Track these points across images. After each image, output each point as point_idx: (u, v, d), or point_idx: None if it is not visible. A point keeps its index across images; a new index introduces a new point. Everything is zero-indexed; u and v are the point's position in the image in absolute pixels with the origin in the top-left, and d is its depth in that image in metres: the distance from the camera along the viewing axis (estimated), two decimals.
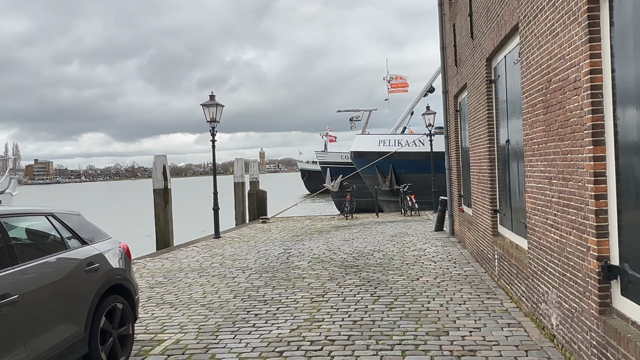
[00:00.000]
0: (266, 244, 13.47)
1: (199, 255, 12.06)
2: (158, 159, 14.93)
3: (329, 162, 38.87)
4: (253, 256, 11.46)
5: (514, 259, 6.47)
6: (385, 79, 37.74)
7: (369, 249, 11.59)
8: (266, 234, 15.89)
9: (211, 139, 15.66)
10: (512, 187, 6.87)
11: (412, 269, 9.14)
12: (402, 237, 13.39)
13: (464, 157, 11.27)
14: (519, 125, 6.28)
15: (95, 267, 4.71)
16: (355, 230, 15.66)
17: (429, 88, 27.93)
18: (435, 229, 14.45)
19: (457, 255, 10.36)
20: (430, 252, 10.78)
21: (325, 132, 61.46)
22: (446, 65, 12.85)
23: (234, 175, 21.45)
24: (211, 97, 15.51)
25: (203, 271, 9.98)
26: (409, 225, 16.22)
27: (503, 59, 7.10)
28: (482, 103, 8.35)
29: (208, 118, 15.47)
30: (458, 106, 11.92)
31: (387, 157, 25.57)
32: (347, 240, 13.39)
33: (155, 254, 13.10)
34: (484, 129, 8.28)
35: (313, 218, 20.60)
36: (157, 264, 11.16)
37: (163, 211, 14.92)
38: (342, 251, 11.52)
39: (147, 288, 8.67)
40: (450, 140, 12.80)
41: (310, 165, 63.75)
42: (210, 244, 14.21)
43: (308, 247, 12.36)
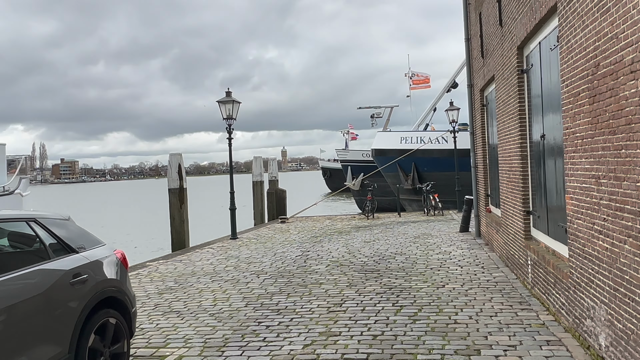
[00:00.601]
0: (284, 245, 12.98)
1: (213, 258, 11.63)
2: (173, 158, 14.56)
3: (349, 160, 38.28)
4: (269, 259, 10.98)
5: (552, 267, 5.82)
6: (407, 76, 36.95)
7: (391, 252, 11.00)
8: (284, 234, 15.41)
9: (227, 136, 15.24)
10: (549, 186, 6.22)
11: (437, 274, 8.52)
12: (426, 239, 12.75)
13: (492, 154, 10.58)
14: (557, 118, 5.63)
15: (83, 278, 4.25)
16: (377, 230, 15.06)
17: (452, 84, 27.09)
18: (460, 229, 13.76)
19: (485, 259, 9.70)
20: (456, 256, 10.14)
21: (347, 130, 60.81)
22: (471, 58, 12.15)
23: (253, 174, 21.05)
24: (227, 93, 15.09)
25: (216, 275, 9.53)
26: (432, 226, 15.55)
27: (537, 45, 6.44)
28: (512, 95, 7.68)
29: (224, 115, 15.05)
30: (485, 100, 11.22)
31: (410, 155, 24.86)
32: (367, 241, 12.81)
33: (169, 255, 12.73)
34: (514, 123, 7.61)
35: (333, 218, 20.06)
36: (170, 267, 10.76)
37: (178, 211, 14.55)
38: (362, 254, 10.95)
39: (155, 294, 8.25)
40: (476, 137, 12.10)
41: (331, 164, 63.19)
42: (226, 245, 13.79)
43: (327, 250, 11.82)
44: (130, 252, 22.23)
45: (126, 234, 29.79)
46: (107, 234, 30.85)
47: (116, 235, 29.46)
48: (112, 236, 29.42)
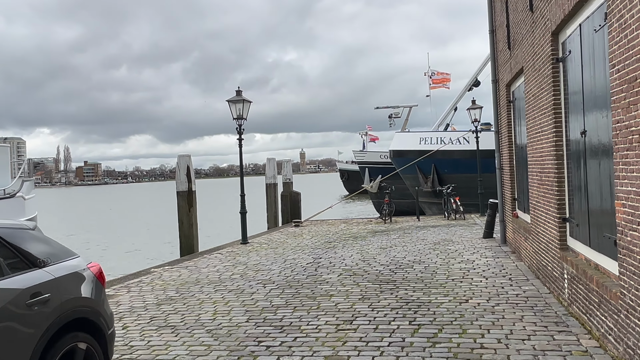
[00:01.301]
0: (295, 251, 12.29)
1: (220, 264, 11.00)
2: (182, 160, 14.00)
3: (367, 162, 37.42)
4: (278, 266, 10.30)
5: (595, 284, 5.01)
6: (427, 75, 35.96)
7: (409, 260, 10.23)
8: (297, 239, 14.73)
9: (238, 137, 14.62)
10: (591, 190, 5.40)
11: (459, 286, 7.73)
12: (447, 245, 11.93)
13: (519, 155, 9.75)
14: (603, 110, 4.83)
15: (44, 298, 3.62)
16: (394, 236, 14.28)
17: (474, 82, 26.10)
18: (484, 235, 12.90)
19: (512, 269, 8.86)
20: (480, 265, 9.32)
21: (365, 132, 59.84)
22: (496, 50, 11.32)
23: (266, 176, 20.41)
24: (238, 92, 14.49)
25: (221, 284, 8.88)
26: (453, 231, 14.70)
27: (577, 28, 5.63)
28: (545, 88, 6.87)
29: (234, 115, 14.45)
30: (511, 96, 10.39)
31: (429, 156, 23.98)
32: (384, 248, 12.05)
33: (175, 261, 12.15)
34: (547, 119, 6.80)
35: (349, 221, 19.32)
36: (174, 274, 10.16)
37: (187, 215, 13.98)
38: (377, 262, 10.20)
39: (154, 305, 7.63)
40: (502, 136, 11.26)
41: (349, 166, 62.38)
42: (235, 250, 13.16)
43: (340, 256, 11.10)
44: (137, 256, 21.89)
45: (137, 237, 29.47)
46: (116, 237, 30.63)
47: (126, 238, 29.17)
48: (122, 239, 29.14)
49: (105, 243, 27.98)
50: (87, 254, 23.73)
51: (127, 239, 29.35)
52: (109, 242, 28.32)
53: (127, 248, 25.51)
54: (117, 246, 26.47)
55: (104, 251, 25.01)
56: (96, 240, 29.67)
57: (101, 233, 33.62)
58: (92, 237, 31.25)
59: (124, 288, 9.06)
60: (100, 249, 25.46)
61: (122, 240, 29.22)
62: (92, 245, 27.01)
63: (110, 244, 27.72)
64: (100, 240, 29.51)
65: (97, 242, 28.64)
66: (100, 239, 30.18)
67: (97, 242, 28.42)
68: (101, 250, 25.21)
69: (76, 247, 27.11)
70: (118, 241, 28.76)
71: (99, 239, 29.86)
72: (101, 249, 25.56)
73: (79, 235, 32.87)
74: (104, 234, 32.73)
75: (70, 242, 29.45)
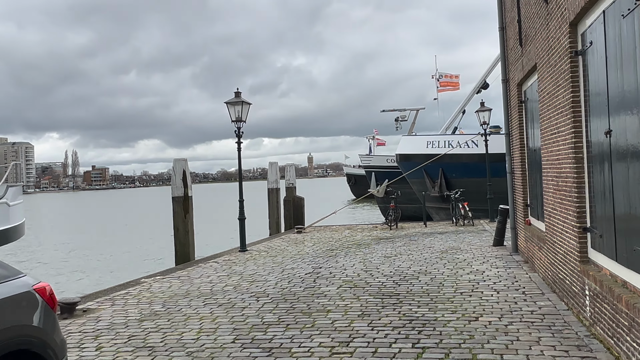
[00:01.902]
0: (295, 260, 11.69)
1: (214, 275, 10.43)
2: (177, 164, 13.46)
3: (373, 166, 36.79)
4: (275, 277, 9.71)
5: (625, 305, 4.37)
6: (434, 77, 35.29)
7: (414, 270, 9.59)
8: (298, 246, 14.14)
9: (237, 140, 14.07)
10: (618, 197, 4.77)
11: (468, 301, 7.09)
12: (455, 254, 11.28)
13: (532, 158, 9.10)
14: (634, 106, 4.20)
15: None
16: (399, 243, 13.64)
17: (483, 84, 25.42)
18: (494, 243, 12.23)
19: (526, 281, 8.21)
20: (491, 276, 8.67)
21: (372, 135, 59.17)
22: (507, 49, 10.69)
23: (268, 181, 19.84)
24: (236, 94, 13.94)
25: (211, 297, 8.30)
26: (462, 238, 14.04)
27: (599, 16, 5.01)
28: (562, 85, 6.24)
29: (233, 117, 13.90)
30: (523, 96, 9.75)
31: (437, 160, 23.31)
32: (388, 256, 11.41)
33: (168, 270, 11.58)
34: (565, 119, 6.17)
35: (353, 227, 18.69)
36: (164, 285, 9.60)
37: (183, 221, 13.43)
38: (380, 272, 9.57)
39: (135, 322, 7.06)
40: (513, 138, 10.62)
41: (356, 170, 61.79)
42: (233, 259, 12.59)
43: (341, 266, 10.48)
44: (131, 264, 21.27)
45: (136, 244, 28.83)
46: (112, 245, 29.96)
47: (123, 246, 28.49)
48: (119, 247, 28.47)
49: (99, 250, 27.29)
50: (76, 262, 23.10)
51: (123, 246, 28.69)
52: (103, 249, 27.62)
53: (121, 256, 24.80)
54: (112, 253, 25.74)
55: (97, 258, 24.47)
56: (90, 246, 28.99)
57: (97, 239, 33.00)
58: (86, 244, 30.57)
59: (108, 301, 8.51)
60: (93, 256, 24.86)
61: (117, 247, 28.53)
62: (83, 253, 26.46)
63: (105, 250, 27.02)
64: (95, 246, 28.84)
65: (91, 249, 27.97)
66: (95, 245, 29.51)
67: (90, 249, 27.76)
68: (94, 258, 24.67)
69: (66, 253, 26.50)
70: (113, 248, 27.99)
71: (92, 246, 29.17)
72: (95, 256, 24.95)
73: (73, 242, 32.39)
74: (99, 240, 32.10)
75: (63, 248, 28.92)
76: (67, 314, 7.75)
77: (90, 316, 7.57)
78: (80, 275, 19.86)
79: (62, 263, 23.26)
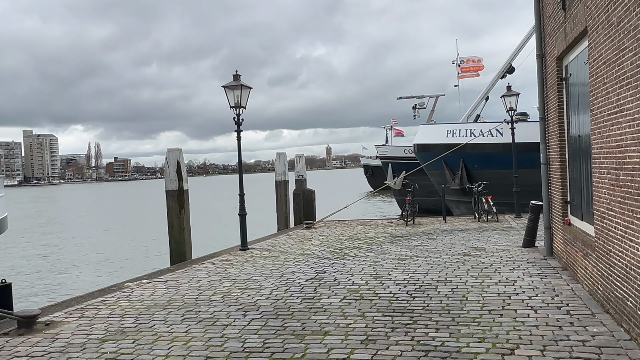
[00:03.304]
0: (297, 261, 10.41)
1: (206, 279, 9.21)
2: (171, 154, 12.23)
3: (390, 157, 35.21)
4: (271, 284, 8.44)
5: None
6: (455, 63, 33.43)
7: (432, 278, 8.22)
8: (304, 245, 12.85)
9: (236, 129, 12.78)
10: None
11: (499, 323, 5.71)
12: (479, 257, 9.86)
13: (576, 146, 7.62)
14: None
15: None
16: (416, 242, 12.25)
17: (508, 68, 23.65)
18: (524, 244, 10.76)
19: (568, 295, 6.77)
20: (525, 288, 7.25)
21: (390, 126, 57.41)
22: (543, 17, 9.16)
23: (275, 173, 18.55)
24: (235, 77, 12.63)
25: (193, 310, 7.07)
26: (486, 237, 12.57)
27: None
28: (630, 48, 4.78)
29: (232, 103, 12.60)
30: (564, 72, 8.24)
31: (457, 150, 21.74)
32: (402, 259, 10.05)
33: (157, 273, 10.39)
34: (633, 92, 4.71)
35: (367, 223, 17.32)
36: (147, 292, 8.41)
37: (178, 217, 12.21)
38: (392, 280, 8.22)
39: (95, 343, 5.85)
40: (550, 124, 9.12)
41: (373, 161, 60.17)
42: (231, 259, 11.37)
43: (348, 270, 9.16)
44: (127, 263, 20.06)
45: (140, 240, 27.57)
46: (114, 240, 28.72)
47: (125, 242, 27.26)
48: (120, 242, 27.09)
49: (99, 246, 26.10)
50: (72, 257, 22.00)
51: (125, 242, 27.38)
52: (104, 245, 26.42)
53: (120, 252, 23.51)
54: (111, 250, 24.45)
55: (92, 256, 23.49)
56: (90, 241, 27.83)
57: (99, 234, 31.76)
58: (87, 238, 29.50)
59: (77, 312, 7.33)
60: (93, 253, 23.78)
61: (119, 242, 27.19)
62: (80, 249, 25.47)
63: (105, 246, 25.76)
64: (95, 242, 27.66)
65: (91, 244, 26.81)
66: (95, 240, 28.35)
67: (90, 245, 26.64)
68: (91, 253, 23.67)
69: (60, 248, 25.37)
70: (114, 243, 26.74)
71: (93, 241, 28.00)
72: (92, 252, 23.75)
73: (77, 236, 31.59)
74: (101, 236, 30.85)
75: (59, 242, 27.91)
76: (24, 329, 6.60)
77: (49, 332, 6.40)
78: (65, 276, 18.74)
79: (54, 260, 22.36)
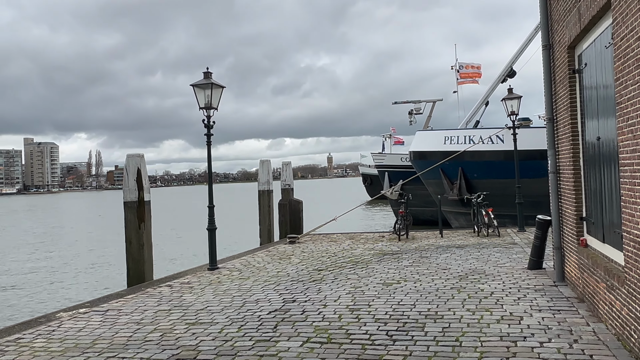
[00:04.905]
0: (267, 285, 8.98)
1: (153, 309, 7.78)
2: (131, 160, 10.81)
3: (386, 166, 33.76)
4: (225, 318, 7.01)
5: None
6: (454, 68, 32.19)
7: (419, 311, 6.77)
8: (281, 263, 11.41)
9: (206, 132, 11.39)
10: None
11: None
12: (477, 282, 8.42)
13: (594, 151, 6.22)
14: None
15: None
16: (407, 262, 10.80)
17: (509, 71, 22.32)
18: (530, 265, 9.32)
19: (590, 340, 5.33)
20: (534, 329, 5.80)
21: (389, 134, 56.08)
22: (550, 0, 7.79)
23: (258, 182, 17.12)
24: (206, 74, 11.26)
25: (116, 357, 5.63)
26: (486, 255, 11.13)
27: None
28: None
29: (202, 104, 11.24)
30: (577, 63, 6.86)
31: (456, 158, 20.34)
32: (388, 284, 8.61)
33: (100, 300, 8.90)
34: None
35: (356, 237, 15.87)
36: (75, 327, 6.98)
37: (136, 232, 10.77)
38: (372, 313, 6.78)
39: None
40: (560, 125, 7.71)
41: (372, 170, 58.76)
42: (194, 281, 9.94)
43: (322, 299, 7.73)
44: (81, 285, 17.76)
45: (108, 256, 24.06)
46: (80, 254, 25.58)
47: (90, 258, 23.95)
48: (84, 258, 24.09)
49: (56, 264, 22.75)
50: (18, 278, 19.33)
51: (88, 258, 23.83)
52: (60, 263, 22.92)
53: (74, 272, 20.30)
54: (67, 269, 21.10)
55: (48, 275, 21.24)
56: (48, 259, 24.34)
57: (64, 248, 28.16)
58: (46, 254, 26.04)
59: None
60: (45, 271, 20.78)
61: (81, 259, 23.79)
62: (35, 266, 22.31)
63: (61, 265, 22.29)
64: (54, 258, 24.26)
65: (49, 262, 23.44)
66: (54, 257, 24.80)
67: (48, 262, 23.34)
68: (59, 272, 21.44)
69: (28, 261, 22.69)
70: (74, 261, 23.26)
71: (50, 258, 24.41)
72: (47, 272, 20.61)
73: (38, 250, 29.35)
74: (64, 251, 27.08)
75: (31, 255, 25.13)
76: None
77: None
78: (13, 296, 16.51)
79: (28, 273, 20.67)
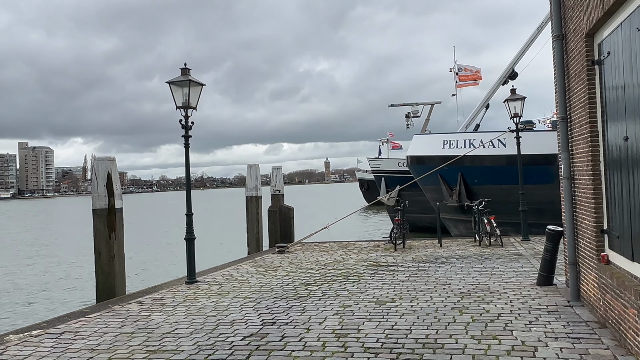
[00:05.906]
0: (246, 303, 8.05)
1: (114, 331, 6.84)
2: (100, 165, 9.88)
3: (383, 171, 32.85)
4: (194, 343, 6.08)
5: None
6: (452, 71, 31.36)
7: (416, 338, 5.85)
8: (266, 276, 10.48)
9: (183, 134, 10.49)
10: None
11: None
12: (482, 300, 7.50)
13: (619, 153, 5.32)
14: None
15: None
16: (402, 275, 9.88)
17: (510, 73, 21.49)
18: (539, 281, 8.41)
19: None
20: None
21: (386, 139, 55.26)
22: None
23: (246, 187, 16.19)
24: (183, 70, 10.38)
25: None
26: (490, 268, 10.22)
27: None
28: None
29: (179, 103, 10.36)
30: (597, 53, 5.97)
31: (455, 163, 19.46)
32: (381, 302, 7.68)
33: (58, 319, 7.90)
34: None
35: (350, 246, 14.94)
36: (21, 354, 6.07)
37: (106, 243, 9.82)
38: (361, 340, 5.85)
39: None
40: (576, 125, 6.82)
41: (368, 175, 57.90)
42: (167, 296, 9.00)
43: (305, 321, 6.79)
44: (46, 301, 15.45)
45: (84, 268, 21.66)
46: (51, 265, 23.73)
47: (61, 269, 21.68)
48: (54, 270, 22.09)
49: (21, 276, 20.86)
50: None
51: (60, 271, 21.86)
52: (26, 275, 21.15)
53: (42, 286, 18.36)
54: (35, 283, 19.25)
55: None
56: (17, 270, 22.37)
57: (38, 259, 25.89)
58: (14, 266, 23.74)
59: None
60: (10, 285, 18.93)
61: (51, 271, 21.84)
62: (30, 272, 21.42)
63: (29, 278, 20.40)
64: (21, 270, 22.35)
65: (16, 273, 21.61)
66: (22, 269, 22.88)
67: (15, 274, 21.42)
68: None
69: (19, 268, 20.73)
70: (44, 274, 21.40)
71: (19, 270, 22.48)
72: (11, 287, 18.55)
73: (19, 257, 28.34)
74: (35, 262, 24.98)
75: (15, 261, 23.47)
76: None
77: None
78: None
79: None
